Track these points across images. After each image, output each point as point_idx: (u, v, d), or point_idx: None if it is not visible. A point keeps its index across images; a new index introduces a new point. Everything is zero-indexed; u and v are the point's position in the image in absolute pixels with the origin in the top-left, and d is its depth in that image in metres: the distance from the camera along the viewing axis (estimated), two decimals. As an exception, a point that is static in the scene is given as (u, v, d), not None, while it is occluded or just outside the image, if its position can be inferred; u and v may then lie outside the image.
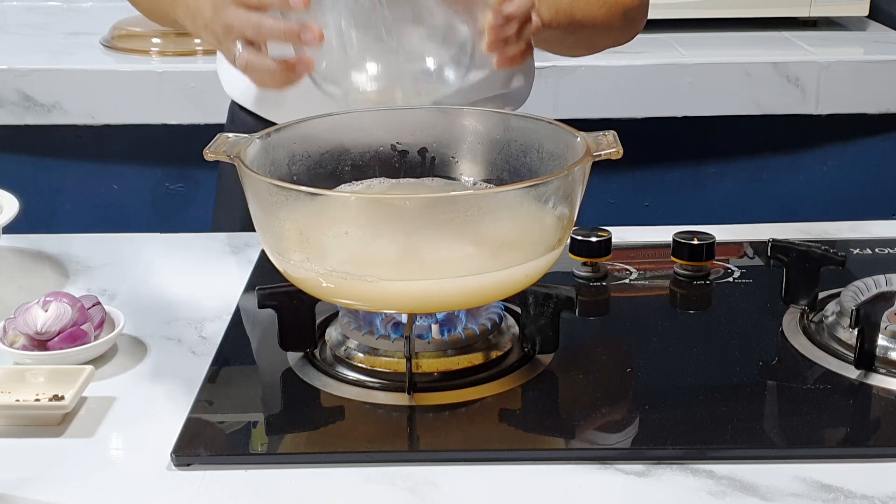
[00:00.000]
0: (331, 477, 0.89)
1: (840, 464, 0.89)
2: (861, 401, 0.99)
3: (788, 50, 2.22)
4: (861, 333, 1.00)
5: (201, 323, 1.14)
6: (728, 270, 1.22)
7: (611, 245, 1.20)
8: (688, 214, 2.16)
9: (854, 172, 2.25)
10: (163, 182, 2.15)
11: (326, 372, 1.02)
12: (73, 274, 1.26)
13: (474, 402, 0.98)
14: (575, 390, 1.01)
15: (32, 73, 2.06)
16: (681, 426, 0.94)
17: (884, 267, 1.14)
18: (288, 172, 1.07)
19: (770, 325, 1.10)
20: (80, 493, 0.88)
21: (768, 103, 2.15)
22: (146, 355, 1.08)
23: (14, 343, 1.05)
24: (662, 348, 1.07)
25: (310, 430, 0.96)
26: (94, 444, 0.94)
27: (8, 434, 0.95)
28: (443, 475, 0.89)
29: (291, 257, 0.98)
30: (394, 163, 1.13)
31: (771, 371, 1.03)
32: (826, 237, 1.31)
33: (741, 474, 0.88)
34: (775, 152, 2.24)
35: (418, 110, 1.15)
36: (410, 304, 0.98)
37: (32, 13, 2.50)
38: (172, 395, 1.00)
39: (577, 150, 1.01)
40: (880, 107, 2.17)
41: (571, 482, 0.88)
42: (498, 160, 1.12)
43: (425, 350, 1.01)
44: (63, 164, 2.16)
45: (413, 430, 0.96)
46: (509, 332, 1.06)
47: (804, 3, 2.32)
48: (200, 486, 0.88)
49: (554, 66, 2.10)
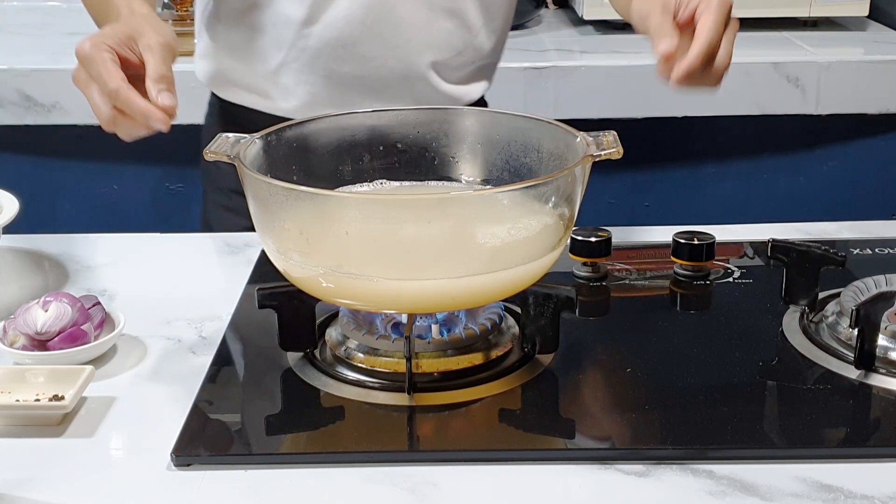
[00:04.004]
0: (331, 477, 0.89)
1: (840, 464, 0.89)
2: (861, 401, 0.99)
3: (788, 50, 2.22)
4: (861, 333, 1.00)
5: (201, 323, 1.14)
6: (728, 270, 1.22)
7: (611, 245, 1.20)
8: (688, 214, 2.16)
9: (854, 172, 2.25)
10: (163, 182, 2.15)
11: (326, 372, 1.02)
12: (73, 274, 1.26)
13: (474, 402, 0.98)
14: (575, 390, 1.01)
15: (32, 73, 2.06)
16: (681, 426, 0.94)
17: (884, 267, 1.14)
18: (288, 172, 1.07)
19: (770, 325, 1.10)
20: (80, 493, 0.88)
21: (768, 103, 2.15)
22: (146, 355, 1.08)
23: (14, 343, 1.05)
24: (662, 348, 1.07)
25: (310, 430, 0.96)
26: (94, 444, 0.94)
27: (8, 434, 0.95)
28: (443, 475, 0.89)
29: (291, 257, 0.98)
30: (394, 163, 1.13)
31: (771, 371, 1.03)
32: (826, 237, 1.31)
33: (741, 474, 0.88)
34: (775, 152, 2.24)
35: (418, 110, 1.15)
36: (410, 304, 0.98)
37: (32, 13, 2.50)
38: (172, 395, 1.00)
39: (577, 150, 1.01)
40: (880, 107, 2.17)
41: (571, 482, 0.88)
42: (498, 160, 1.12)
43: (425, 350, 1.01)
44: (63, 164, 2.16)
45: (413, 430, 0.96)
46: (509, 332, 1.06)
47: (804, 3, 2.33)
48: (200, 486, 0.88)
49: (554, 66, 2.11)
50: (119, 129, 1.05)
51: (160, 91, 1.03)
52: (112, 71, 1.03)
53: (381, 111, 1.15)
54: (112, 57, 1.04)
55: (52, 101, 2.06)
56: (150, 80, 1.03)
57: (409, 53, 1.38)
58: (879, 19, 2.42)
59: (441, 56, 1.40)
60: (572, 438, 0.94)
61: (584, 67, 2.11)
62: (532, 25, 2.43)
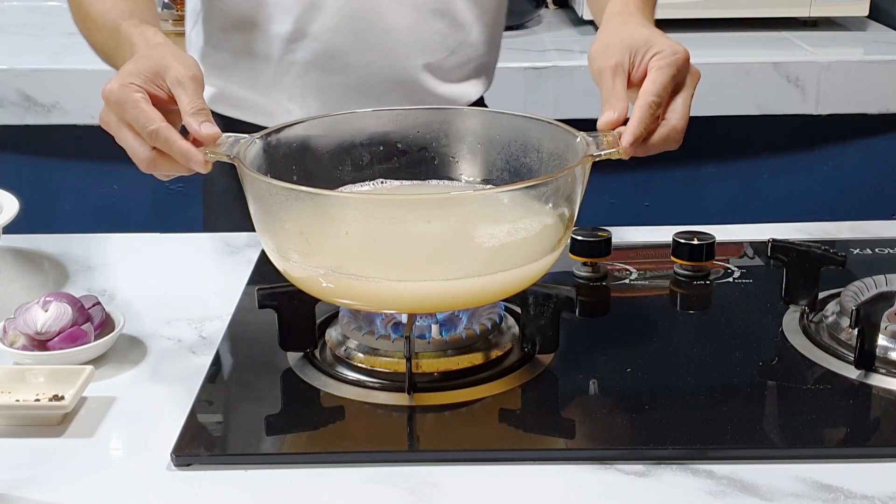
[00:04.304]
0: (331, 477, 0.89)
1: (840, 464, 0.89)
2: (861, 401, 0.99)
3: (788, 50, 2.22)
4: (861, 333, 1.00)
5: (201, 323, 1.14)
6: (728, 270, 1.22)
7: (611, 245, 1.20)
8: (688, 214, 2.16)
9: (854, 172, 2.25)
10: (163, 182, 2.15)
11: (326, 372, 1.02)
12: (73, 274, 1.26)
13: (474, 402, 0.98)
14: (575, 390, 1.01)
15: (32, 73, 2.06)
16: (681, 426, 0.94)
17: (884, 267, 1.14)
18: (288, 172, 1.07)
19: (770, 325, 1.10)
20: (80, 493, 0.88)
21: (768, 103, 2.15)
22: (146, 355, 1.08)
23: (14, 343, 1.05)
24: (662, 348, 1.07)
25: (310, 430, 0.96)
26: (94, 444, 0.94)
27: (8, 434, 0.95)
28: (443, 475, 0.89)
29: (291, 257, 0.98)
30: (394, 163, 1.13)
31: (771, 371, 1.03)
32: (826, 237, 1.31)
33: (741, 474, 0.88)
34: (775, 152, 2.24)
35: (418, 110, 1.15)
36: (410, 304, 0.98)
37: (32, 13, 2.50)
38: (172, 395, 1.00)
39: (577, 150, 1.01)
40: (880, 107, 2.17)
41: (571, 482, 0.88)
42: (498, 160, 1.12)
43: (425, 350, 1.00)
44: (63, 164, 2.16)
45: (413, 430, 0.96)
46: (509, 332, 1.06)
47: (804, 3, 2.33)
48: (200, 486, 0.88)
49: (554, 66, 2.11)
50: (158, 169, 1.01)
51: (201, 123, 0.99)
52: (149, 112, 0.98)
53: (380, 111, 1.15)
54: (144, 96, 0.99)
55: (52, 101, 2.06)
56: (188, 115, 0.99)
57: (399, 58, 1.37)
58: (879, 19, 2.42)
59: (433, 57, 1.39)
60: (572, 438, 0.94)
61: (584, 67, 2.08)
62: (532, 25, 2.43)
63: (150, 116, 0.98)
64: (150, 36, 1.09)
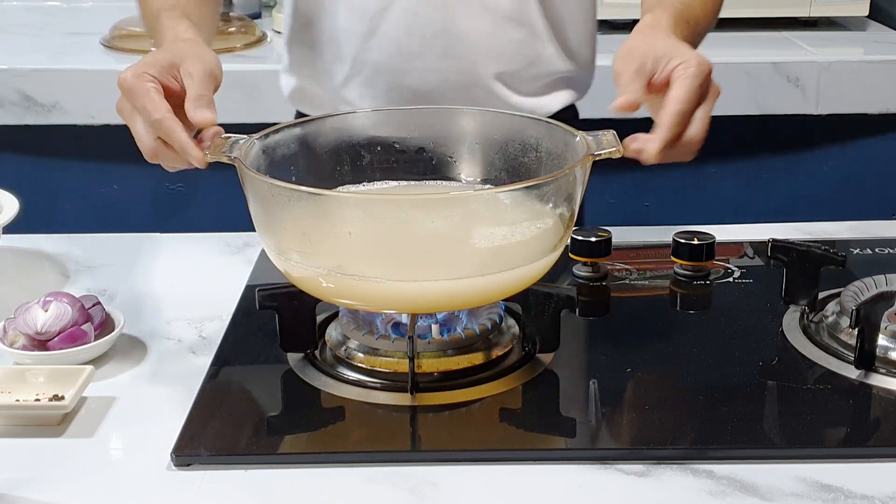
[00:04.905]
0: (331, 477, 0.89)
1: (840, 464, 0.89)
2: (861, 401, 0.99)
3: (788, 50, 2.22)
4: (861, 333, 1.00)
5: (201, 323, 1.14)
6: (728, 270, 1.22)
7: (611, 245, 1.20)
8: (688, 214, 2.16)
9: (854, 172, 2.25)
10: (163, 182, 2.15)
11: (327, 372, 1.02)
12: (73, 274, 1.26)
13: (475, 402, 0.98)
14: (575, 390, 1.01)
15: (32, 73, 2.06)
16: (681, 426, 0.94)
17: (884, 267, 1.14)
18: (288, 172, 1.07)
19: (770, 325, 1.10)
20: (80, 493, 0.88)
21: (768, 103, 2.15)
22: (146, 355, 1.08)
23: (14, 343, 1.05)
24: (662, 348, 1.07)
25: (310, 431, 0.96)
26: (94, 444, 0.94)
27: (8, 434, 0.95)
28: (443, 475, 0.89)
29: (292, 257, 0.98)
30: (393, 163, 1.13)
31: (771, 371, 1.03)
32: (826, 237, 1.31)
33: (741, 474, 0.88)
34: (775, 152, 2.24)
35: (418, 110, 1.15)
36: (410, 304, 0.98)
37: (32, 13, 2.50)
38: (172, 395, 1.00)
39: (577, 150, 1.01)
40: (880, 107, 2.17)
41: (572, 482, 0.88)
42: (497, 160, 1.12)
43: (426, 350, 1.00)
44: (63, 164, 2.16)
45: (413, 430, 0.96)
46: (509, 331, 1.06)
47: (804, 3, 2.32)
48: (200, 486, 0.88)
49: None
50: (162, 160, 1.02)
51: (197, 108, 0.99)
52: (156, 101, 0.99)
53: (380, 111, 1.15)
54: (155, 86, 1.00)
55: (52, 101, 2.06)
56: (188, 100, 1.00)
57: (472, 65, 1.33)
58: (879, 19, 2.42)
59: (508, 67, 1.34)
60: (572, 438, 0.94)
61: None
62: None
63: (157, 106, 1.00)
64: (180, 31, 1.11)
